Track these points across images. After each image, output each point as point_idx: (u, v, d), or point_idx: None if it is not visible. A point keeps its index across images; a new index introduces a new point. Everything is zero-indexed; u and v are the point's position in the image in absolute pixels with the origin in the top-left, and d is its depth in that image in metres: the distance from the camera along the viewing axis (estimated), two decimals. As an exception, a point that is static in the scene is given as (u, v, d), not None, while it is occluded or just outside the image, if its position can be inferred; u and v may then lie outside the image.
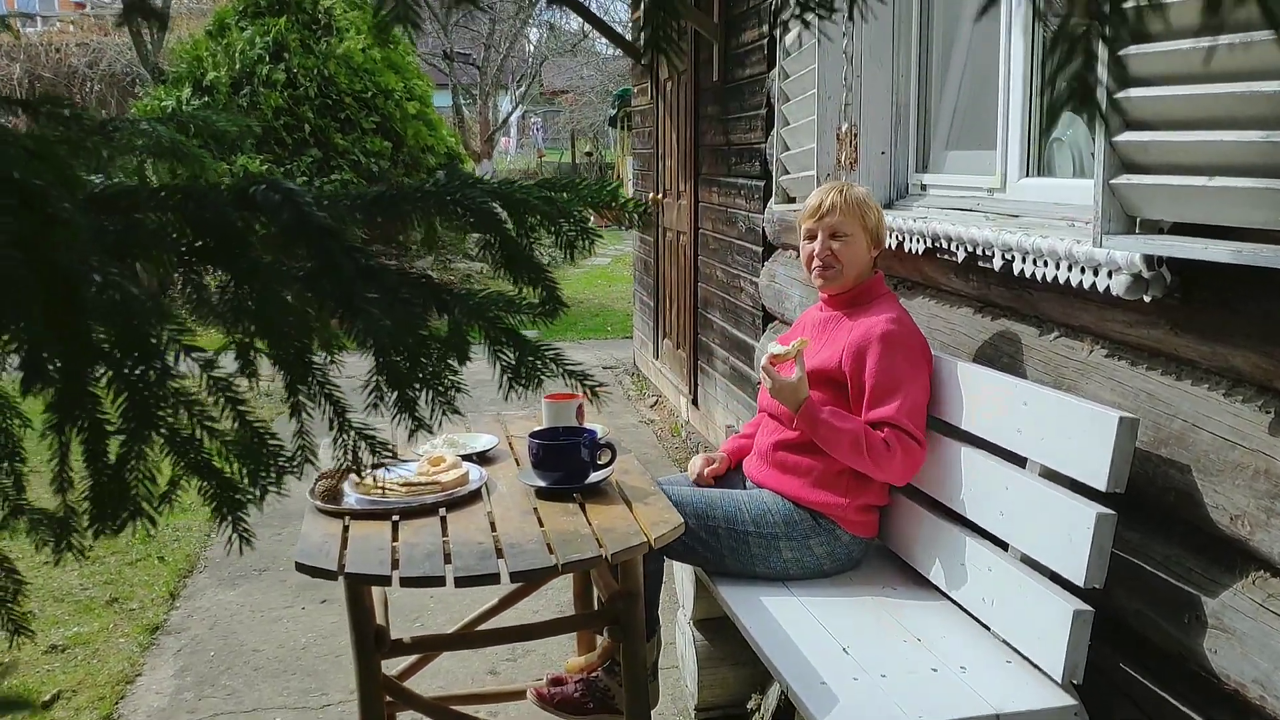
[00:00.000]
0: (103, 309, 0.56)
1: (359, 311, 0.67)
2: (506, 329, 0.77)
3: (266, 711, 3.14)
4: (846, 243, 2.61)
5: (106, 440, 0.75)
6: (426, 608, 3.78)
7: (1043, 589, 2.10)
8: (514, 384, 0.78)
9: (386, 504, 2.25)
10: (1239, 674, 1.81)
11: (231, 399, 0.70)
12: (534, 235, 0.88)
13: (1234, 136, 1.60)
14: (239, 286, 0.74)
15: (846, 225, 2.60)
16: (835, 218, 2.61)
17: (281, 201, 0.71)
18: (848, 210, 2.60)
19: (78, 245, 0.54)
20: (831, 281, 2.64)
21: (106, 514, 0.67)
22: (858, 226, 2.61)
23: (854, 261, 2.62)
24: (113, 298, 0.56)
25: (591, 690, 2.55)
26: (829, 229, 2.62)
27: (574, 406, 2.62)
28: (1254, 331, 1.79)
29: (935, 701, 2.04)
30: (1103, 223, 1.88)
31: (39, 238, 0.53)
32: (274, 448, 0.73)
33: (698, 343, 5.88)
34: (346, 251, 0.70)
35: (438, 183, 0.85)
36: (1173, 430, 1.98)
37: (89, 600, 3.88)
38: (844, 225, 2.60)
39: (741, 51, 4.87)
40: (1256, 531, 1.77)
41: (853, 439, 2.46)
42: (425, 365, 0.72)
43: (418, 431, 0.76)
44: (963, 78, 3.11)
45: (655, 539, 2.09)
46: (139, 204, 0.72)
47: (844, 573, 2.65)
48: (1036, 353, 2.42)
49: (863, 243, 2.62)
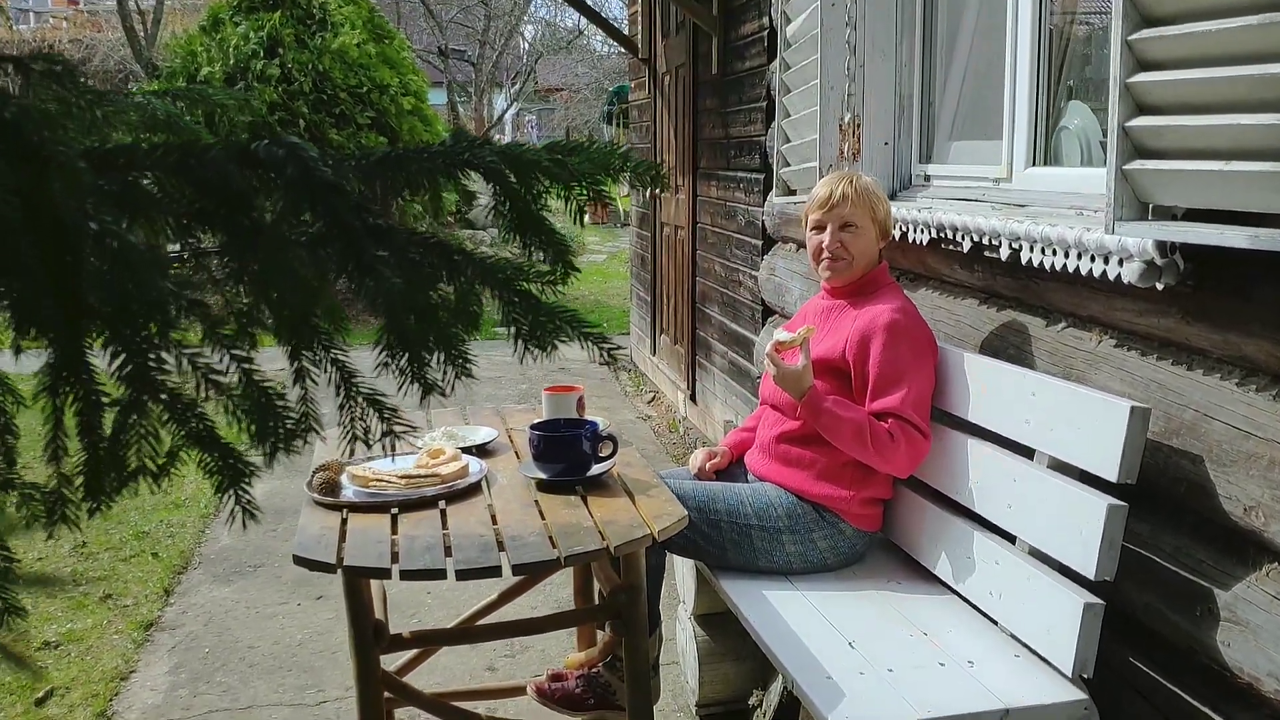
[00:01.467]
0: (100, 259, 0.52)
1: (369, 269, 0.64)
2: (520, 290, 0.73)
3: (262, 708, 3.10)
4: (856, 234, 2.57)
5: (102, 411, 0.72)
6: (424, 604, 3.75)
7: (1052, 582, 2.07)
8: (529, 345, 0.75)
9: (385, 496, 2.21)
10: (1253, 667, 1.78)
11: (237, 356, 0.66)
12: (543, 198, 0.85)
13: (1251, 120, 1.57)
14: (241, 249, 0.71)
15: (857, 216, 2.57)
16: (846, 209, 2.57)
17: (286, 157, 0.67)
18: (859, 201, 2.57)
19: (76, 193, 0.51)
20: (840, 274, 2.60)
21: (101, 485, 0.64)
22: (868, 218, 2.58)
23: (864, 253, 2.59)
24: (111, 247, 0.52)
25: (592, 686, 2.51)
26: (839, 220, 2.58)
27: (575, 399, 2.59)
28: (1269, 319, 1.77)
29: (943, 696, 2.00)
30: (1115, 209, 1.84)
31: (36, 185, 0.50)
32: (282, 408, 0.70)
33: (696, 338, 5.85)
34: (355, 209, 0.67)
35: (444, 144, 0.82)
36: (1184, 420, 1.95)
37: (82, 597, 3.84)
38: (854, 216, 2.57)
39: (741, 44, 4.84)
40: (1271, 523, 1.74)
41: (856, 429, 2.42)
42: (437, 325, 0.69)
43: (429, 395, 0.72)
44: (967, 67, 3.08)
45: (659, 531, 2.05)
46: (135, 162, 0.69)
47: (847, 567, 2.62)
48: (1044, 344, 2.39)
49: (872, 234, 2.59)
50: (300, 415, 0.71)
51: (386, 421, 0.74)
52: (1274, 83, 1.54)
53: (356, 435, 0.75)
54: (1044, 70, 2.59)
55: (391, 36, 10.32)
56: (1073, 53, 2.69)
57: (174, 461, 0.71)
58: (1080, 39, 2.70)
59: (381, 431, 0.74)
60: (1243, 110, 1.60)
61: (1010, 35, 2.66)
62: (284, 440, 0.70)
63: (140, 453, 0.65)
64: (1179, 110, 1.74)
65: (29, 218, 0.49)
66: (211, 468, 0.72)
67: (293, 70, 9.26)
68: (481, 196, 18.09)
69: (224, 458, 0.71)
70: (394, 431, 0.74)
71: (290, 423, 0.70)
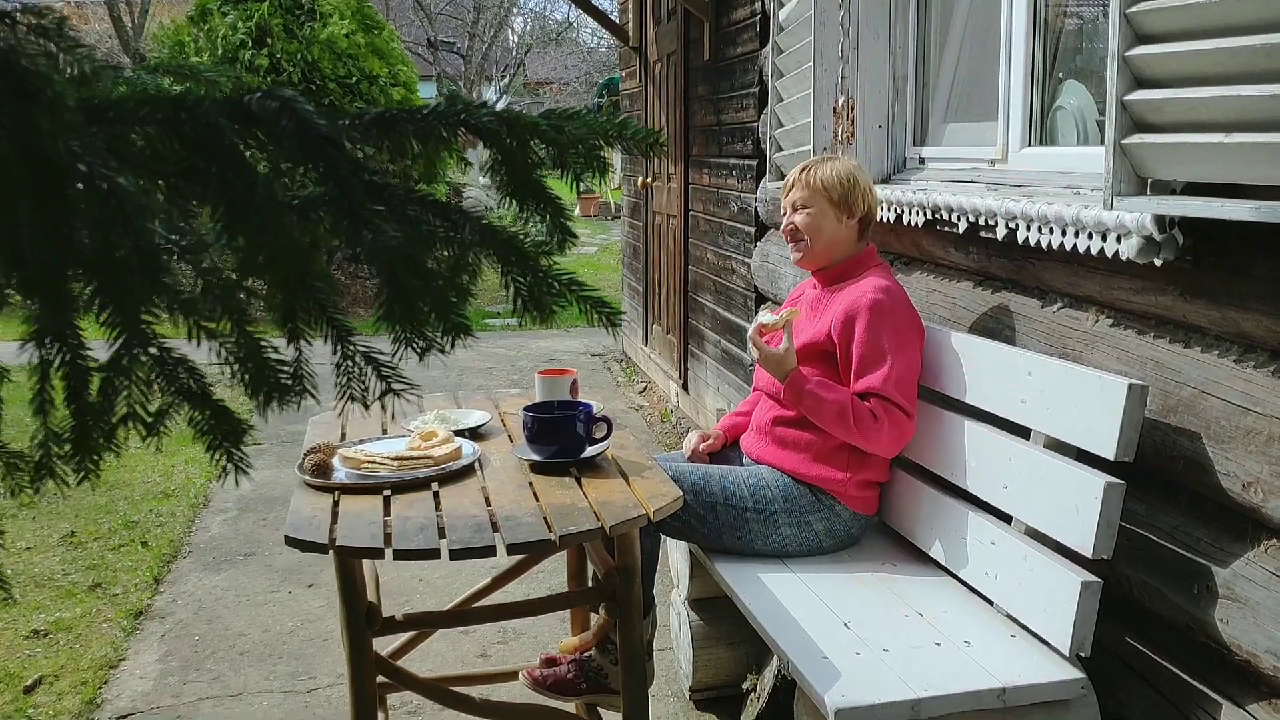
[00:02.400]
0: (90, 202, 0.50)
1: (366, 223, 0.62)
2: (519, 251, 0.72)
3: (253, 695, 3.08)
4: (810, 215, 2.60)
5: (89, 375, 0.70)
6: (415, 591, 3.73)
7: (1049, 561, 2.06)
8: (528, 308, 0.73)
9: (377, 478, 2.19)
10: (1251, 644, 1.77)
11: (230, 306, 0.64)
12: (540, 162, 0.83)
13: (1253, 90, 1.56)
14: (232, 211, 0.69)
15: (807, 198, 2.62)
16: (797, 193, 2.64)
17: (280, 109, 0.65)
18: (812, 183, 2.62)
19: (65, 131, 0.49)
20: (803, 254, 2.65)
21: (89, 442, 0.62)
22: (822, 199, 2.61)
23: (824, 234, 2.60)
24: (100, 188, 0.50)
25: (584, 670, 2.50)
26: (792, 204, 2.65)
27: (568, 381, 2.57)
28: (1267, 294, 1.76)
29: (940, 675, 2.00)
30: (1114, 184, 1.83)
31: (24, 121, 0.48)
32: (275, 361, 0.68)
33: (688, 327, 5.83)
34: (352, 164, 0.65)
35: (440, 105, 0.80)
36: (1182, 398, 1.94)
37: (71, 586, 3.81)
38: (804, 198, 2.63)
39: (733, 29, 4.82)
40: (1270, 499, 1.74)
41: (839, 409, 2.42)
42: (435, 282, 0.67)
43: (428, 353, 0.70)
44: (961, 49, 3.07)
45: (654, 511, 2.04)
46: (124, 116, 0.66)
47: (843, 550, 2.61)
48: (1039, 324, 2.38)
49: (830, 215, 2.60)
50: (295, 376, 0.69)
51: (385, 380, 0.72)
52: (1276, 52, 1.52)
53: (354, 395, 0.73)
54: (1039, 49, 2.58)
55: (380, 27, 10.26)
56: (1067, 31, 2.68)
57: (163, 420, 0.69)
58: (1074, 16, 2.69)
59: (380, 390, 0.72)
60: (1244, 81, 1.59)
61: (1005, 14, 2.64)
62: (278, 393, 0.68)
63: (130, 399, 0.63)
64: (1179, 82, 1.73)
65: (17, 153, 0.47)
66: (202, 426, 0.70)
67: (281, 60, 9.20)
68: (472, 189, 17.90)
69: (215, 416, 0.69)
70: (393, 390, 0.72)
71: (284, 376, 0.67)
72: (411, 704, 2.97)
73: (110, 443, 0.68)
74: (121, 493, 4.86)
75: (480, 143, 0.81)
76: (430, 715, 2.94)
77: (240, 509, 4.67)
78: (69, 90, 0.65)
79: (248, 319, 0.65)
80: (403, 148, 0.79)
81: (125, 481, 5.02)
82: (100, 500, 4.74)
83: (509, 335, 9.16)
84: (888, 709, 1.91)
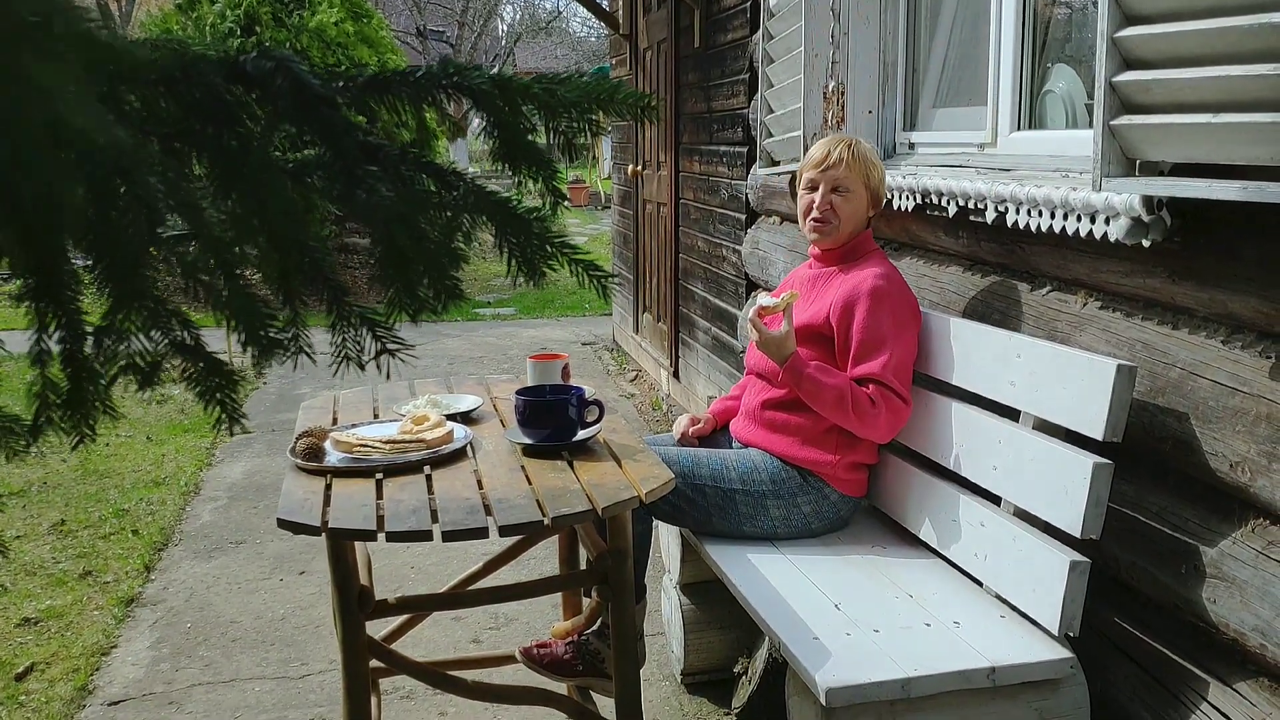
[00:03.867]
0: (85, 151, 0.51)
1: (360, 182, 0.62)
2: (512, 213, 0.72)
3: (245, 681, 3.08)
4: (847, 199, 2.58)
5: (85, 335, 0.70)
6: (407, 578, 3.73)
7: (1038, 542, 2.07)
8: (521, 269, 0.73)
9: (370, 462, 2.19)
10: (1238, 623, 1.79)
11: (223, 261, 0.64)
12: (532, 127, 0.83)
13: (1241, 70, 1.57)
14: (227, 167, 0.69)
15: (850, 181, 2.57)
16: (840, 171, 2.57)
17: (275, 69, 0.65)
18: (854, 165, 2.57)
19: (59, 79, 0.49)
20: (825, 236, 2.60)
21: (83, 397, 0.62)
22: (860, 184, 2.58)
23: (851, 218, 2.59)
24: (95, 140, 0.50)
25: (581, 652, 2.51)
26: (831, 182, 2.58)
27: (560, 366, 2.57)
28: (1254, 275, 1.77)
29: (930, 655, 2.01)
30: (1102, 166, 1.84)
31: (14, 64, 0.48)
32: (269, 312, 0.68)
33: (679, 315, 5.84)
34: (346, 123, 0.65)
35: (433, 67, 0.80)
36: (1170, 379, 1.95)
37: (61, 574, 3.81)
38: (847, 180, 2.57)
39: (723, 16, 4.82)
40: (1257, 478, 1.75)
41: (837, 394, 2.42)
42: (429, 242, 0.67)
43: (420, 315, 0.71)
44: (951, 34, 3.07)
45: (646, 493, 2.04)
46: (120, 74, 0.66)
47: (832, 533, 2.62)
48: (1029, 308, 2.39)
49: (863, 200, 2.60)
50: (290, 336, 0.69)
51: (380, 340, 0.72)
52: (1264, 33, 1.53)
53: (349, 355, 0.73)
54: (1028, 33, 2.59)
55: (369, 15, 10.22)
56: (1056, 16, 2.68)
57: (158, 370, 0.69)
58: (1062, 3, 2.70)
59: (375, 350, 0.72)
60: (1232, 61, 1.59)
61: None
62: (272, 346, 0.68)
63: (128, 350, 0.63)
64: (1167, 63, 1.73)
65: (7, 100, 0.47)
66: (195, 377, 0.71)
67: (270, 49, 9.17)
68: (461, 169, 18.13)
69: (208, 367, 0.69)
70: (388, 350, 0.72)
71: (276, 330, 0.68)
72: (404, 689, 2.98)
73: (105, 403, 0.68)
74: (112, 481, 4.85)
75: (474, 111, 0.81)
76: (423, 699, 2.95)
77: (231, 497, 4.66)
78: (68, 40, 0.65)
79: (241, 275, 0.66)
80: (396, 110, 0.80)
81: (115, 470, 5.01)
82: (90, 489, 4.73)
83: (500, 325, 9.16)
84: (878, 688, 1.93)
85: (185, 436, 5.54)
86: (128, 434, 5.58)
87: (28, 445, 0.73)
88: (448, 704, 2.90)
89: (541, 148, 0.79)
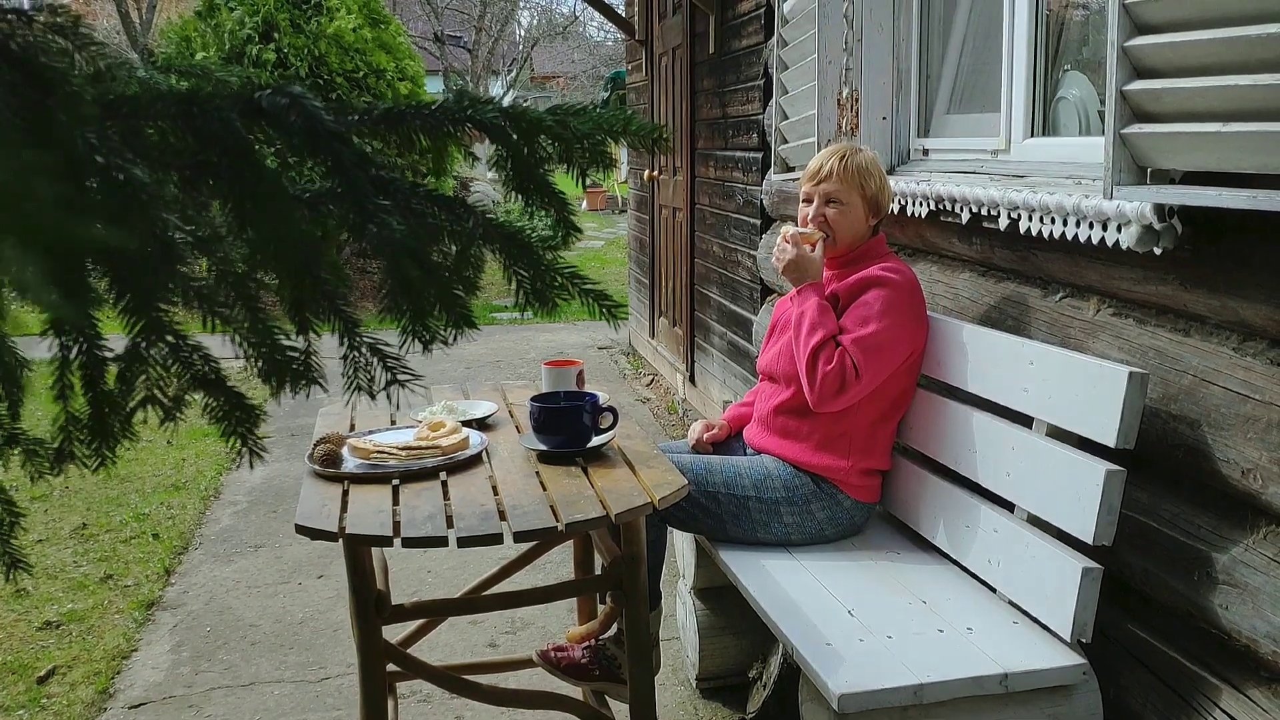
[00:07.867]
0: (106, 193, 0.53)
1: (372, 216, 0.64)
2: (523, 244, 0.74)
3: (264, 685, 3.12)
4: (842, 210, 2.59)
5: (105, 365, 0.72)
6: (424, 583, 3.76)
7: (1051, 548, 2.08)
8: (530, 301, 0.75)
9: (386, 468, 2.22)
10: (1250, 630, 1.79)
11: (243, 295, 0.66)
12: (546, 159, 0.85)
13: (1249, 80, 1.58)
14: (242, 204, 0.71)
15: (842, 193, 2.59)
16: (832, 184, 2.59)
17: (290, 105, 0.67)
18: (845, 177, 2.58)
19: (80, 123, 0.51)
20: (827, 250, 2.63)
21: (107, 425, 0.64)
22: (855, 194, 2.59)
23: (848, 229, 2.61)
24: (116, 179, 0.53)
25: (599, 657, 2.52)
26: (824, 195, 2.60)
27: (574, 372, 2.59)
28: (1266, 283, 1.77)
29: (943, 661, 2.02)
30: (1114, 174, 1.85)
31: (41, 113, 0.50)
32: (288, 346, 0.70)
33: (694, 319, 5.85)
34: (359, 159, 0.67)
35: (447, 100, 0.82)
36: (1182, 386, 1.96)
37: (83, 577, 3.85)
38: (839, 193, 2.59)
39: (738, 22, 4.83)
40: (1269, 485, 1.75)
41: (821, 334, 2.46)
42: (440, 274, 0.69)
43: (432, 345, 0.72)
44: (964, 41, 3.08)
45: (659, 499, 2.06)
46: (139, 110, 0.69)
47: (846, 539, 2.63)
48: (1041, 314, 2.40)
49: (859, 210, 2.60)
50: (305, 363, 0.71)
51: (391, 371, 0.74)
52: (1272, 42, 1.54)
53: (360, 386, 0.75)
54: (1042, 41, 2.59)
55: (387, 21, 10.26)
56: (1069, 23, 2.69)
57: (180, 405, 0.71)
58: (1077, 8, 2.70)
59: (385, 381, 0.74)
60: (1241, 71, 1.60)
61: (1007, 6, 2.65)
62: (290, 378, 0.70)
63: (149, 383, 0.66)
64: (1177, 73, 1.74)
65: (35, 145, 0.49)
66: (218, 412, 0.73)
67: (288, 55, 9.22)
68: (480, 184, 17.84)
69: (230, 401, 0.71)
70: (398, 381, 0.74)
71: (295, 363, 0.70)
72: (421, 692, 3.01)
73: (127, 431, 0.71)
74: (132, 485, 4.90)
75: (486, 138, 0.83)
76: (439, 703, 2.97)
77: (250, 501, 4.70)
78: (85, 86, 0.68)
79: (260, 308, 0.68)
80: (410, 143, 0.82)
81: (136, 474, 5.06)
82: (111, 493, 4.78)
83: (516, 329, 9.19)
84: (891, 694, 1.94)
85: (205, 441, 5.58)
86: (148, 439, 5.63)
87: (52, 468, 0.75)
88: (464, 708, 2.93)
89: (553, 180, 0.81)
